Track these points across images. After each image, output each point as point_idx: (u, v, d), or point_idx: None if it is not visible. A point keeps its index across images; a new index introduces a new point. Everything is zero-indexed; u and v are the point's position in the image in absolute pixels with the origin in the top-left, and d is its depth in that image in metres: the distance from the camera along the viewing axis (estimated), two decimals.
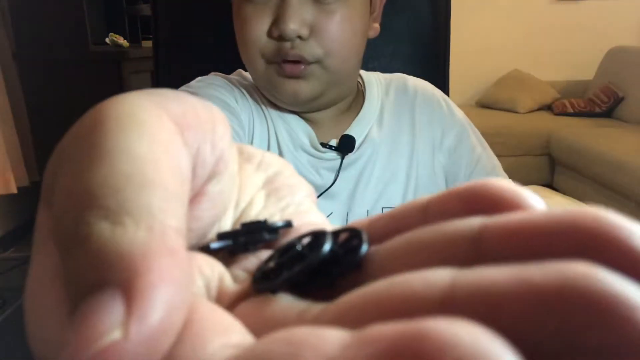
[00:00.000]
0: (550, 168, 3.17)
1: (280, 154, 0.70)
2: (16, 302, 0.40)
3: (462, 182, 0.52)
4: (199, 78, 0.74)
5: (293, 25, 0.60)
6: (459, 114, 0.78)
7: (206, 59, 0.95)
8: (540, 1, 3.65)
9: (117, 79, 2.38)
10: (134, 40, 2.73)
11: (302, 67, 0.63)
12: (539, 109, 3.49)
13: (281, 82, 0.64)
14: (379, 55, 0.93)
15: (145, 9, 2.78)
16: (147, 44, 2.66)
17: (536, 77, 3.58)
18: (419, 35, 0.95)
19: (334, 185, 0.69)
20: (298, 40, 0.62)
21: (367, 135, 0.72)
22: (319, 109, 0.71)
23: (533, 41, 3.65)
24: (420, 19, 0.94)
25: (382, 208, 0.71)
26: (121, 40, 2.60)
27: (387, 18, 0.92)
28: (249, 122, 0.71)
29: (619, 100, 3.27)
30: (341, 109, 0.73)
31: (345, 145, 0.70)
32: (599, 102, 3.33)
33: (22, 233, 2.51)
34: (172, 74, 0.95)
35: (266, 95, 0.71)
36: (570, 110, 3.38)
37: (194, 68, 0.95)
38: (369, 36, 0.70)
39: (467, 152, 0.75)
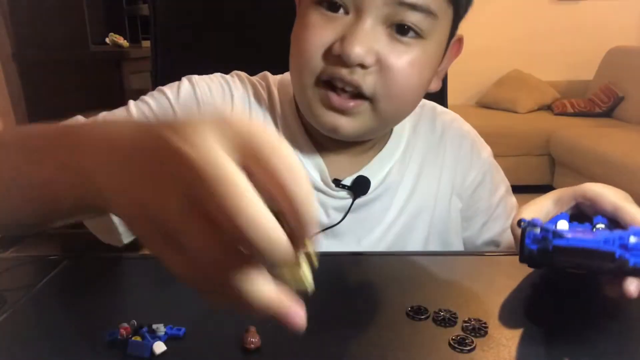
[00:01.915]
0: (550, 168, 3.17)
1: None
2: (16, 302, 0.40)
3: (477, 229, 0.61)
4: (214, 80, 0.67)
5: (359, 49, 0.52)
6: (485, 153, 0.73)
7: (205, 59, 0.95)
8: (540, 1, 3.65)
9: (117, 79, 2.37)
10: (134, 40, 2.73)
11: (352, 104, 0.56)
12: (539, 109, 3.50)
13: (322, 113, 0.57)
14: None
15: (145, 9, 2.77)
16: (147, 44, 2.64)
17: (536, 77, 3.58)
18: None
19: (339, 225, 0.64)
20: (358, 68, 0.54)
21: (385, 177, 0.67)
22: (349, 141, 0.64)
23: (533, 41, 3.65)
24: None
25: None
26: (121, 40, 2.60)
27: None
28: None
29: (619, 100, 3.27)
30: (366, 146, 0.67)
31: (359, 187, 0.64)
32: (599, 102, 3.33)
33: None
34: (170, 74, 0.95)
35: (302, 113, 0.63)
36: (570, 110, 3.38)
37: (193, 68, 0.95)
38: (429, 89, 0.62)
39: (486, 196, 0.71)
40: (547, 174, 3.18)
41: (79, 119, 0.58)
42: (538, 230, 0.40)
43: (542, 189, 0.56)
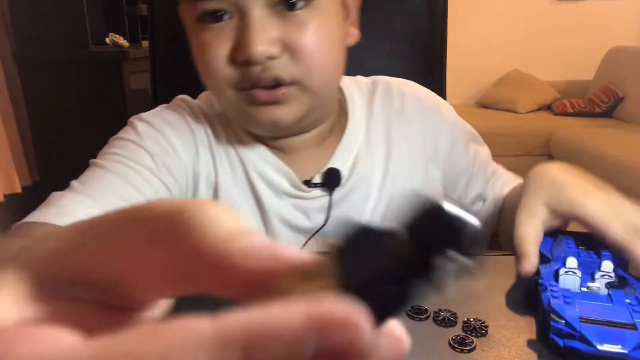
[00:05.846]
0: None
1: (259, 202, 0.62)
2: None
3: (462, 189, 0.59)
4: (161, 110, 0.65)
5: (260, 47, 0.51)
6: (448, 113, 0.70)
7: None
8: (540, 1, 3.65)
9: (117, 79, 2.37)
10: (134, 40, 2.73)
11: (282, 91, 0.54)
12: (539, 109, 3.49)
13: (256, 111, 0.56)
14: (375, 56, 0.92)
15: (145, 9, 2.78)
16: (147, 43, 2.65)
17: (536, 77, 3.58)
18: (416, 35, 0.95)
19: (325, 226, 0.62)
20: (269, 62, 0.53)
21: (354, 163, 0.64)
22: (299, 133, 0.63)
23: (533, 41, 3.64)
24: (417, 18, 0.94)
25: None
26: (121, 40, 2.60)
27: (383, 17, 0.92)
28: (193, 174, 0.62)
29: (619, 100, 3.27)
30: (323, 133, 0.65)
31: (331, 180, 0.62)
32: (599, 102, 3.33)
33: None
34: (169, 74, 0.95)
35: (239, 125, 0.62)
36: (570, 110, 3.38)
37: (191, 67, 0.95)
38: (348, 43, 0.61)
39: (462, 155, 0.69)
40: None
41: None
42: (563, 322, 0.39)
43: None
